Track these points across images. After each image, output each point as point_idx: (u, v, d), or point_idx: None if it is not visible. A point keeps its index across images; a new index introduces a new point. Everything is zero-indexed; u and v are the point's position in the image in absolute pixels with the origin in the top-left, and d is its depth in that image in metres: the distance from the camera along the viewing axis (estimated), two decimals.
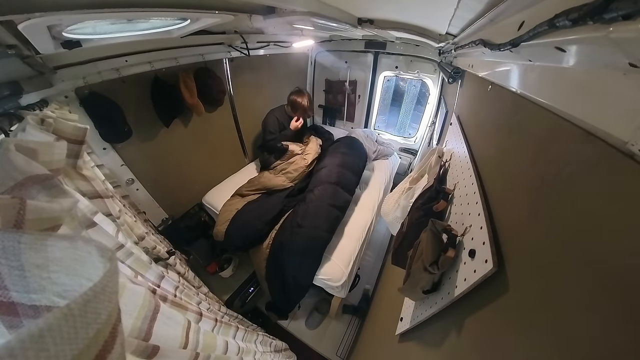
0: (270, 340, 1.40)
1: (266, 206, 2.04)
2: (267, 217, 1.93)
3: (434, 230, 0.76)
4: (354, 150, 2.56)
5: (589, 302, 0.32)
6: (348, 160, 2.37)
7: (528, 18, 0.52)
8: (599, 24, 0.28)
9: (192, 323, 0.58)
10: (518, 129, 0.66)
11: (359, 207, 2.23)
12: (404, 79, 3.37)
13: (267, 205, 2.05)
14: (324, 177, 2.15)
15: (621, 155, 0.31)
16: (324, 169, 2.25)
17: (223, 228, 1.92)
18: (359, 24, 1.64)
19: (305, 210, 1.88)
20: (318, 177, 2.20)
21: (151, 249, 1.07)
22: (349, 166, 2.31)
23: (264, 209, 1.99)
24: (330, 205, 1.93)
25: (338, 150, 2.50)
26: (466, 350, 0.59)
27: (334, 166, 2.25)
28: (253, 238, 1.89)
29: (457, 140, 1.20)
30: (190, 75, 1.89)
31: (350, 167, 2.32)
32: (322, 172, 2.23)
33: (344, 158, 2.38)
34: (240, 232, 1.88)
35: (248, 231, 1.88)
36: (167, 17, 1.11)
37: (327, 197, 1.97)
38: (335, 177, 2.13)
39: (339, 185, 2.11)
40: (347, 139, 2.74)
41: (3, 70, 0.83)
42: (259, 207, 2.04)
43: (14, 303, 0.24)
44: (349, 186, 2.18)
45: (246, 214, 1.97)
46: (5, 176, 0.38)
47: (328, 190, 2.02)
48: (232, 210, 2.01)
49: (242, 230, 1.88)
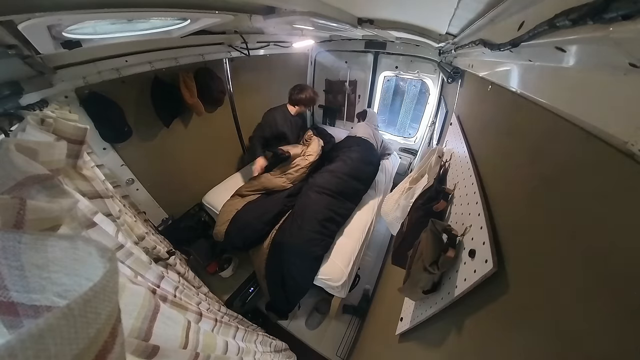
0: (270, 340, 1.40)
1: (266, 206, 2.03)
2: (267, 217, 1.93)
3: (434, 230, 0.76)
4: (367, 158, 2.45)
5: (589, 301, 0.32)
6: (359, 168, 2.29)
7: (528, 18, 0.52)
8: (599, 24, 0.28)
9: (192, 323, 0.58)
10: (518, 129, 0.66)
11: (359, 207, 2.23)
12: (404, 79, 3.37)
13: (267, 205, 2.04)
14: (327, 183, 2.10)
15: (621, 155, 0.31)
16: (328, 174, 2.19)
17: (223, 228, 1.92)
18: (359, 24, 1.64)
19: (305, 212, 1.88)
20: (321, 179, 2.16)
21: (151, 249, 1.07)
22: (358, 176, 2.24)
23: (264, 209, 1.98)
24: (330, 210, 1.93)
25: (349, 156, 2.38)
26: (466, 350, 0.59)
27: (342, 174, 2.18)
28: (253, 238, 1.89)
29: (457, 140, 1.20)
30: (190, 75, 1.89)
31: (359, 177, 2.25)
32: (326, 176, 2.18)
33: (355, 166, 2.28)
34: (240, 233, 1.88)
35: (248, 231, 1.87)
36: (167, 17, 1.11)
37: (329, 203, 1.96)
38: (342, 186, 2.09)
39: (342, 195, 2.09)
40: (363, 145, 2.57)
41: (3, 70, 0.83)
42: (258, 207, 2.03)
43: (14, 303, 0.24)
44: (354, 197, 2.17)
45: (246, 214, 1.97)
46: (6, 176, 0.38)
47: (329, 199, 2.01)
48: (232, 210, 2.01)
49: (242, 231, 1.88)
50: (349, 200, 2.12)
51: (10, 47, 0.74)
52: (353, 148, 2.52)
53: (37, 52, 0.86)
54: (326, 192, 2.04)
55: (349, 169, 2.24)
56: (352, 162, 2.33)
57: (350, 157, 2.37)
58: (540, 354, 0.38)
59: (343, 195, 2.09)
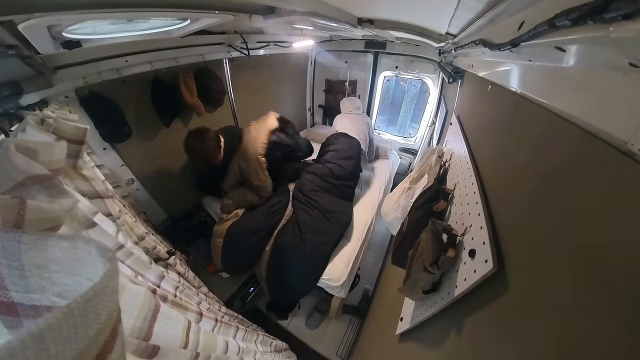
0: (271, 340, 1.40)
1: (253, 225, 1.82)
2: (257, 236, 1.79)
3: (434, 230, 0.76)
4: (344, 154, 2.29)
5: (589, 301, 0.32)
6: (338, 170, 2.19)
7: (528, 18, 0.52)
8: (599, 23, 0.28)
9: (192, 323, 0.58)
10: (518, 129, 0.66)
11: (359, 207, 2.23)
12: (404, 78, 3.37)
13: (252, 223, 1.83)
14: (317, 185, 2.08)
15: (621, 155, 0.31)
16: (312, 176, 2.14)
17: (218, 259, 1.81)
18: (359, 24, 1.64)
19: (308, 218, 1.87)
20: (313, 179, 2.13)
21: (151, 249, 1.07)
22: (340, 176, 2.17)
23: (251, 230, 1.80)
24: (335, 211, 1.93)
25: (324, 158, 2.28)
26: (466, 350, 0.59)
27: (323, 176, 2.12)
28: (251, 259, 1.82)
29: (457, 140, 1.20)
30: (190, 75, 1.89)
31: (340, 175, 2.18)
32: (313, 177, 2.14)
33: (331, 166, 2.19)
34: (234, 261, 1.82)
35: (241, 257, 1.80)
36: (167, 17, 1.11)
37: (329, 205, 1.96)
38: (331, 188, 2.07)
39: (335, 194, 2.08)
40: (338, 142, 2.39)
41: (3, 70, 0.83)
42: (244, 229, 1.81)
43: (14, 303, 0.24)
44: (347, 195, 2.16)
45: (235, 239, 1.78)
46: (6, 176, 0.38)
47: (328, 199, 2.01)
48: (220, 242, 1.81)
49: (235, 258, 1.80)
50: (346, 199, 2.12)
51: (10, 47, 0.74)
52: (327, 149, 2.40)
53: (37, 52, 0.86)
54: (323, 191, 2.04)
55: (327, 171, 2.16)
56: (328, 162, 2.22)
57: (325, 159, 2.27)
58: (541, 354, 0.38)
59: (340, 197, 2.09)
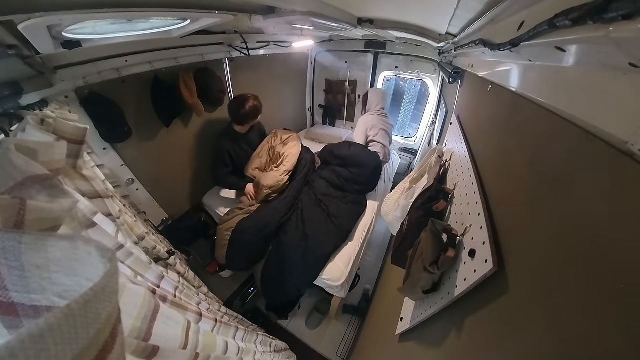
0: (270, 341, 1.40)
1: (262, 221, 1.90)
2: (266, 232, 1.86)
3: (434, 230, 0.76)
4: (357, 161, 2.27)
5: (589, 301, 0.32)
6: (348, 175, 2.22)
7: (528, 18, 0.52)
8: (599, 23, 0.28)
9: (192, 323, 0.58)
10: (518, 129, 0.66)
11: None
12: (404, 79, 3.37)
13: (262, 220, 1.91)
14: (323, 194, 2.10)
15: (621, 155, 0.31)
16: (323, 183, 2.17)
17: (223, 252, 1.85)
18: (359, 24, 1.65)
19: (314, 217, 1.89)
20: (320, 186, 2.15)
21: (151, 249, 1.07)
22: (356, 189, 2.20)
23: (262, 225, 1.88)
24: (341, 217, 1.94)
25: (333, 169, 2.27)
26: (466, 350, 0.59)
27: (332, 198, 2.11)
28: (255, 257, 1.87)
29: (457, 140, 1.20)
30: (190, 75, 1.89)
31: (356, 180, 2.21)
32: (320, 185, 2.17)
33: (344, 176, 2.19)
34: (239, 256, 1.84)
35: (246, 253, 1.84)
36: (167, 17, 1.11)
37: (337, 211, 1.98)
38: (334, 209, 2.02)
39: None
40: (349, 155, 2.32)
41: (3, 70, 0.83)
42: (255, 223, 1.89)
43: (14, 303, 0.24)
44: (357, 204, 2.16)
45: (243, 234, 1.84)
46: (6, 176, 0.38)
47: (339, 205, 2.03)
48: (227, 234, 1.87)
49: (240, 253, 1.84)
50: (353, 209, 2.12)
51: (10, 47, 0.74)
52: (336, 162, 2.36)
53: (37, 52, 0.86)
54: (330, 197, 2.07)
55: (344, 179, 2.20)
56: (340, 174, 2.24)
57: (335, 171, 2.26)
58: (541, 354, 0.38)
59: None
